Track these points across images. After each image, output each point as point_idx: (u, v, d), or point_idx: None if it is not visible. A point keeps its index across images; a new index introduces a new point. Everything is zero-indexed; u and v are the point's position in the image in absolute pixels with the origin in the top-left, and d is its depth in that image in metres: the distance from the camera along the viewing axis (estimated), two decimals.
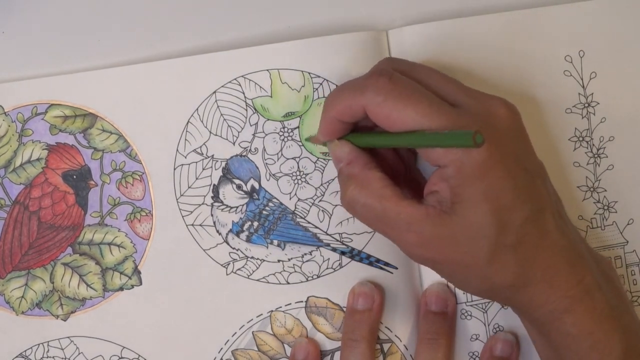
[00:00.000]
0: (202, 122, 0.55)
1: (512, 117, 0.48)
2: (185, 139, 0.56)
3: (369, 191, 0.48)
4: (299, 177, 0.56)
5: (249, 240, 0.56)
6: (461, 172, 0.45)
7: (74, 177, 0.55)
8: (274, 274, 0.56)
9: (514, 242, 0.46)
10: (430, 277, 0.57)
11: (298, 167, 0.56)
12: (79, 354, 0.56)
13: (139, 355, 0.56)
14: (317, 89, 0.55)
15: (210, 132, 0.56)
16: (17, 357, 0.56)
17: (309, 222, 0.56)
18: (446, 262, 0.47)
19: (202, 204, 0.56)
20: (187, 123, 0.55)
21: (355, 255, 0.56)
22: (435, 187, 0.47)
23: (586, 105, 0.57)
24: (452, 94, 0.48)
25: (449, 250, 0.46)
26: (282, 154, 0.56)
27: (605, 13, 0.57)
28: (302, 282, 0.56)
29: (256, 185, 0.56)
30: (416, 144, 0.47)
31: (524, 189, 0.46)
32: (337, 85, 0.55)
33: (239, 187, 0.56)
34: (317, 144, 0.55)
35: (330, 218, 0.56)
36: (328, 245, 0.56)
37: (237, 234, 0.56)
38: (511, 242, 0.46)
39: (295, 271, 0.56)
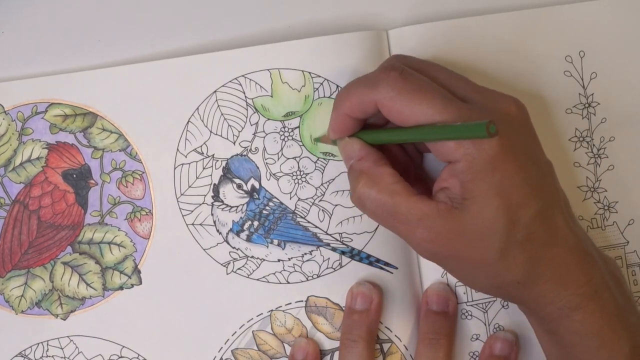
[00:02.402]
0: (202, 121, 0.55)
1: (522, 114, 0.48)
2: (186, 139, 0.56)
3: (380, 186, 0.48)
4: (299, 177, 0.56)
5: (249, 239, 0.56)
6: (472, 166, 0.45)
7: (74, 176, 0.55)
8: (274, 274, 0.56)
9: (523, 238, 0.46)
10: (430, 276, 0.57)
11: (298, 167, 0.56)
12: (79, 353, 0.56)
13: (139, 355, 0.56)
14: (317, 89, 0.55)
15: (211, 132, 0.56)
16: (16, 356, 0.56)
17: (309, 222, 0.56)
18: (455, 258, 0.47)
19: (203, 203, 0.56)
20: (188, 122, 0.55)
21: (355, 255, 0.56)
22: (445, 184, 0.47)
23: (586, 105, 0.57)
24: (462, 90, 0.48)
25: (458, 246, 0.46)
26: (282, 154, 0.56)
27: (605, 13, 0.57)
28: (302, 281, 0.56)
29: (256, 185, 0.56)
30: (429, 138, 0.46)
31: (535, 185, 0.46)
32: (337, 85, 0.55)
33: (239, 186, 0.56)
34: (326, 143, 0.55)
35: (330, 218, 0.56)
36: (328, 245, 0.56)
37: (238, 234, 0.56)
38: (521, 238, 0.46)
39: (296, 271, 0.56)
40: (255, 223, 0.56)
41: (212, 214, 0.56)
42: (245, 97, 0.56)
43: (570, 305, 0.47)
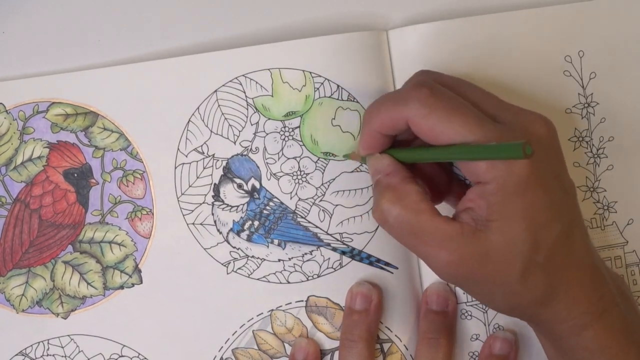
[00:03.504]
0: (203, 121, 0.56)
1: (550, 134, 0.48)
2: (186, 138, 0.56)
3: (404, 203, 0.47)
4: (299, 177, 0.56)
5: (249, 239, 0.56)
6: (503, 189, 0.44)
7: (75, 175, 0.56)
8: (274, 273, 0.56)
9: (545, 260, 0.46)
10: (430, 276, 0.57)
11: (299, 167, 0.56)
12: (79, 352, 0.56)
13: (139, 354, 0.56)
14: (318, 89, 0.56)
15: (211, 131, 0.56)
16: (17, 355, 0.56)
17: (309, 222, 0.56)
18: (477, 279, 0.47)
19: (203, 203, 0.56)
20: (188, 122, 0.56)
21: (355, 255, 0.56)
22: (470, 204, 0.46)
23: (586, 105, 0.58)
24: (492, 108, 0.47)
25: (480, 268, 0.46)
26: (282, 154, 0.56)
27: (605, 13, 0.57)
28: (302, 281, 0.56)
29: (257, 185, 0.56)
30: (462, 157, 0.46)
31: (558, 207, 0.46)
32: (337, 85, 0.55)
33: (239, 186, 0.56)
34: (355, 160, 0.54)
35: (330, 218, 0.56)
36: (328, 244, 0.56)
37: (238, 233, 0.56)
38: (542, 259, 0.46)
39: (296, 270, 0.56)
40: (256, 223, 0.56)
41: (213, 214, 0.56)
42: (246, 96, 0.56)
43: (581, 323, 0.47)
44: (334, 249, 0.56)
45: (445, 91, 0.47)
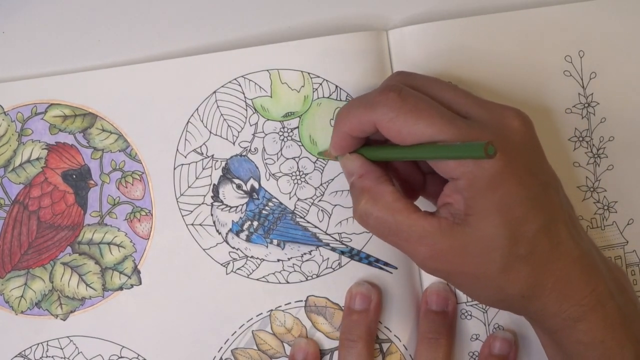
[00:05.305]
0: (202, 122, 0.56)
1: (525, 128, 0.48)
2: (185, 139, 0.56)
3: (381, 204, 0.48)
4: (298, 177, 0.56)
5: (248, 239, 0.56)
6: (473, 184, 0.45)
7: (74, 176, 0.56)
8: (273, 274, 0.56)
9: (527, 253, 0.46)
10: (429, 276, 0.57)
11: (297, 167, 0.56)
12: (78, 353, 0.56)
13: (139, 355, 0.56)
14: (316, 89, 0.55)
15: (210, 132, 0.56)
16: (16, 356, 0.56)
17: (308, 222, 0.56)
18: (459, 273, 0.47)
19: (202, 203, 0.56)
20: (187, 123, 0.56)
21: (354, 255, 0.56)
22: (448, 199, 0.47)
23: (586, 105, 0.57)
24: (465, 106, 0.48)
25: (461, 262, 0.46)
26: (281, 154, 0.56)
27: (605, 13, 0.57)
28: (301, 281, 0.56)
29: (256, 185, 0.56)
30: (428, 157, 0.46)
31: (537, 200, 0.46)
32: (336, 85, 0.55)
33: (238, 186, 0.56)
34: (329, 158, 0.55)
35: (329, 218, 0.56)
36: (327, 244, 0.56)
37: (237, 234, 0.56)
38: (524, 252, 0.46)
39: (295, 270, 0.56)
40: (255, 223, 0.56)
41: (212, 214, 0.56)
42: (245, 97, 0.56)
43: (573, 316, 0.47)
44: (333, 249, 0.56)
45: (413, 93, 0.47)
